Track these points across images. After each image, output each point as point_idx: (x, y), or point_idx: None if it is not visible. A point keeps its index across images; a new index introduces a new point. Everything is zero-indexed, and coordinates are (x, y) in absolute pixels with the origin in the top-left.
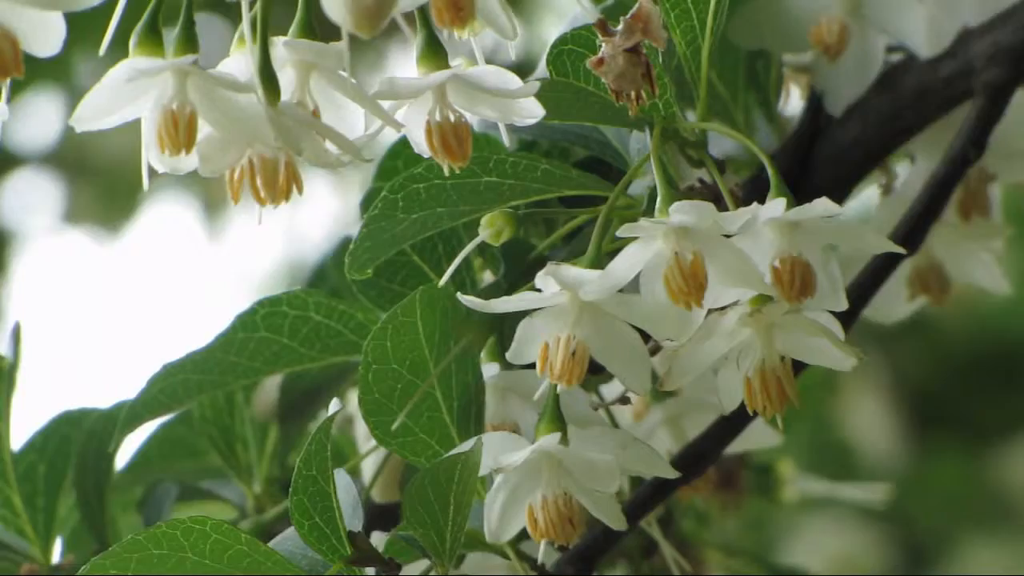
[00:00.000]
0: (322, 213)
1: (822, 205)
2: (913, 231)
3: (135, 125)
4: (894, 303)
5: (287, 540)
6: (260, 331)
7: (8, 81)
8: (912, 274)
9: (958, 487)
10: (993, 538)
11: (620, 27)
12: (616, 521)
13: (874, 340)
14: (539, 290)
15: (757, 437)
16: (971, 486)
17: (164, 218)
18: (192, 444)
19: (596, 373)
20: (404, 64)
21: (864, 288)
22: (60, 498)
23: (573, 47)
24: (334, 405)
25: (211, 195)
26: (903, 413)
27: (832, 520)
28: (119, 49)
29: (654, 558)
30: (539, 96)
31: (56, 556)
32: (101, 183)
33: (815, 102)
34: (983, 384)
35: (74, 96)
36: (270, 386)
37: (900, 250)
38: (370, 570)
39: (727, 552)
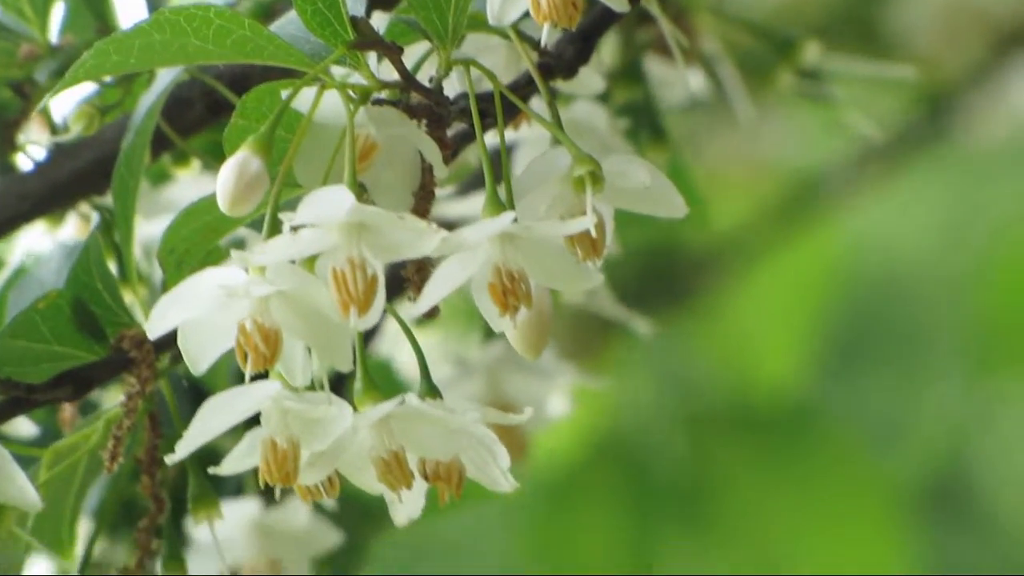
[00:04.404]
0: None
1: None
2: None
3: None
4: None
5: (290, 24)
6: None
7: None
8: None
9: None
10: None
11: None
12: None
13: None
14: None
15: None
16: None
17: None
18: None
19: None
20: None
21: None
22: None
23: None
24: None
25: None
26: None
27: None
28: None
29: (648, 26)
30: None
31: (54, 37)
32: None
33: None
34: None
35: None
36: None
37: None
38: (372, 54)
39: (720, 16)
